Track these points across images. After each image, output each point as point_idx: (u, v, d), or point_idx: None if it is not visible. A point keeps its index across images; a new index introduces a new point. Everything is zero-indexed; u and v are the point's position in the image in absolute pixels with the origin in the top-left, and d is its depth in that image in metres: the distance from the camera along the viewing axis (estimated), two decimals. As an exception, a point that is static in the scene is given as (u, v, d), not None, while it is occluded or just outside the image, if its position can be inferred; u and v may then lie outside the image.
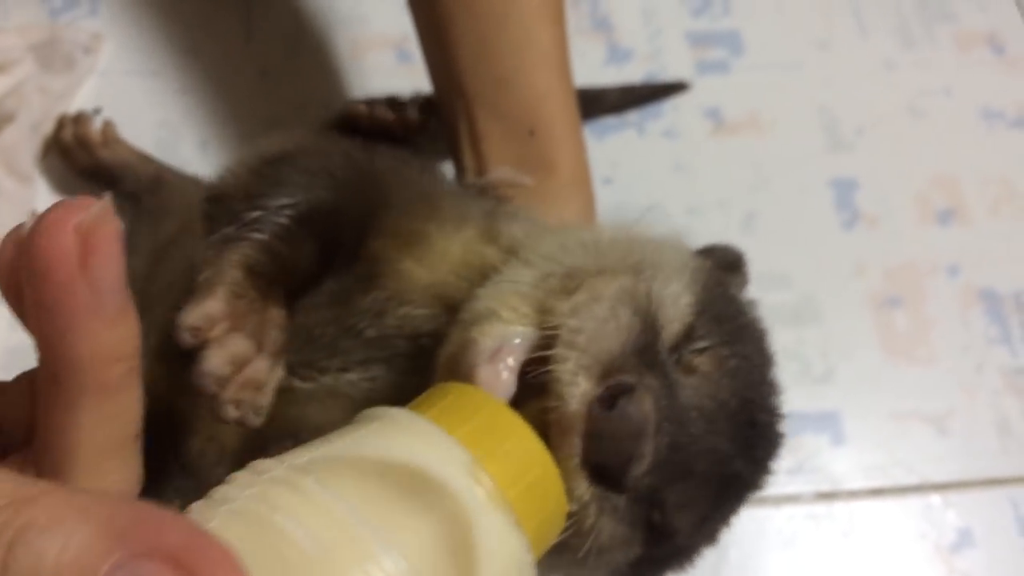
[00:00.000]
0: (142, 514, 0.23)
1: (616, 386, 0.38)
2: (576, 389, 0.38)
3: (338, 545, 0.27)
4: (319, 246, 0.48)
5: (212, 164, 0.88)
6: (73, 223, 0.26)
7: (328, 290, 0.49)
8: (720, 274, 0.51)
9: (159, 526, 0.23)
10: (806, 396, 0.85)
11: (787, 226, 0.93)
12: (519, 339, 0.40)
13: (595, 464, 0.38)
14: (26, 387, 0.31)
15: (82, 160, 0.88)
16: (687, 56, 1.02)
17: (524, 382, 0.39)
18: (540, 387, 0.38)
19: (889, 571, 0.81)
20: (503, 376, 0.38)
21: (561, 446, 0.37)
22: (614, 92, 0.97)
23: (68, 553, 0.22)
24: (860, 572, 0.81)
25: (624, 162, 0.95)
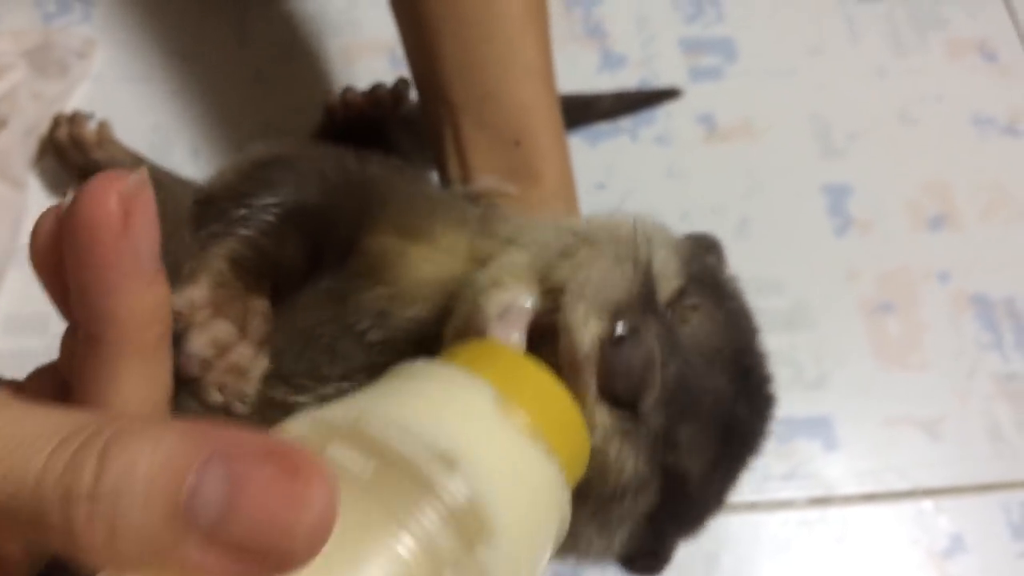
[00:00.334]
0: (224, 427, 0.24)
1: (624, 325, 0.39)
2: (588, 330, 0.39)
3: (389, 468, 0.27)
4: (307, 243, 0.48)
5: (205, 169, 0.88)
6: (115, 189, 0.27)
7: (325, 288, 0.49)
8: (701, 249, 0.53)
9: (242, 434, 0.24)
10: (799, 401, 0.86)
11: (780, 232, 0.94)
12: (524, 301, 0.41)
13: (611, 395, 0.39)
14: (46, 381, 0.32)
15: (76, 160, 0.88)
16: (680, 63, 1.02)
17: (531, 347, 0.40)
18: (547, 347, 0.39)
19: (882, 576, 0.81)
20: (513, 337, 0.39)
21: (577, 384, 0.38)
22: (607, 98, 0.97)
23: (160, 454, 0.23)
24: (853, 577, 0.81)
25: (617, 168, 0.95)
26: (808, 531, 0.82)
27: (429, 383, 0.33)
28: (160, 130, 0.92)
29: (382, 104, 0.84)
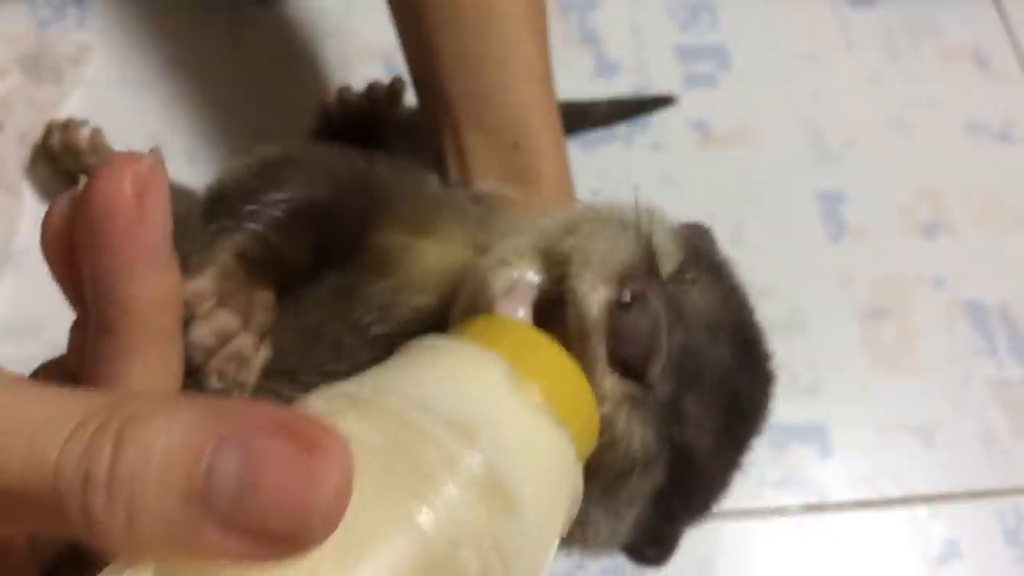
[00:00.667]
0: (238, 402, 0.24)
1: (631, 290, 0.39)
2: (596, 296, 0.39)
3: (406, 437, 0.27)
4: (315, 239, 0.49)
5: (200, 175, 0.88)
6: (130, 173, 0.27)
7: (331, 285, 0.49)
8: (695, 235, 0.53)
9: (256, 408, 0.23)
10: (793, 408, 0.86)
11: (774, 238, 0.94)
12: (529, 277, 0.41)
13: (621, 360, 0.39)
14: (52, 375, 0.32)
15: (69, 167, 0.87)
16: (675, 69, 1.02)
17: (538, 322, 0.40)
18: (555, 321, 0.39)
19: (876, 583, 0.81)
20: (520, 313, 0.39)
21: (586, 352, 0.38)
22: (602, 105, 0.97)
23: (175, 436, 0.22)
24: (848, 584, 0.81)
25: (612, 174, 0.95)
26: (803, 537, 0.82)
27: (442, 357, 0.33)
28: (155, 136, 0.92)
29: (378, 102, 0.84)
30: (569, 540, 0.42)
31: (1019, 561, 0.82)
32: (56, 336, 0.31)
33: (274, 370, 0.46)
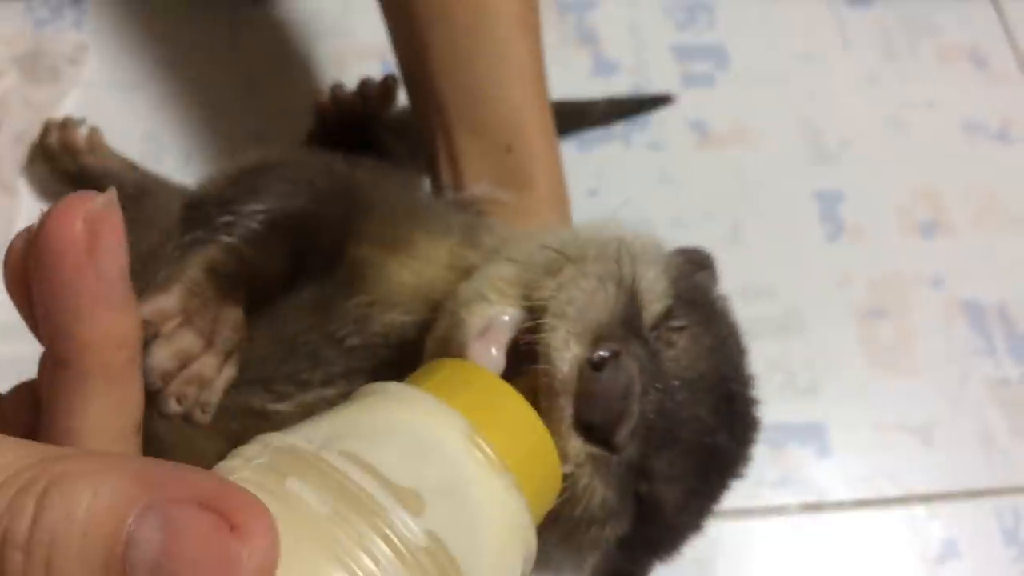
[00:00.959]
0: (170, 468, 0.24)
1: (605, 350, 0.39)
2: (567, 354, 0.38)
3: (348, 505, 0.27)
4: (292, 251, 0.48)
5: (197, 176, 0.88)
6: (82, 212, 0.27)
7: (309, 296, 0.49)
8: (691, 267, 0.52)
9: (187, 476, 0.23)
10: (791, 408, 0.85)
11: (772, 238, 0.94)
12: (507, 317, 0.40)
13: (587, 423, 0.39)
14: (24, 397, 0.32)
15: (67, 166, 0.87)
16: (672, 69, 1.02)
17: (512, 361, 0.39)
18: (528, 364, 0.39)
19: (875, 582, 0.81)
20: (493, 353, 0.39)
21: (552, 410, 0.38)
22: (600, 104, 0.97)
23: (100, 500, 0.22)
24: (846, 584, 0.81)
25: (610, 174, 0.95)
26: (801, 537, 0.82)
27: (399, 411, 0.32)
28: (152, 136, 0.92)
29: (371, 99, 0.84)
30: (535, 570, 0.42)
31: (1017, 560, 0.82)
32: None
33: (249, 378, 0.46)
